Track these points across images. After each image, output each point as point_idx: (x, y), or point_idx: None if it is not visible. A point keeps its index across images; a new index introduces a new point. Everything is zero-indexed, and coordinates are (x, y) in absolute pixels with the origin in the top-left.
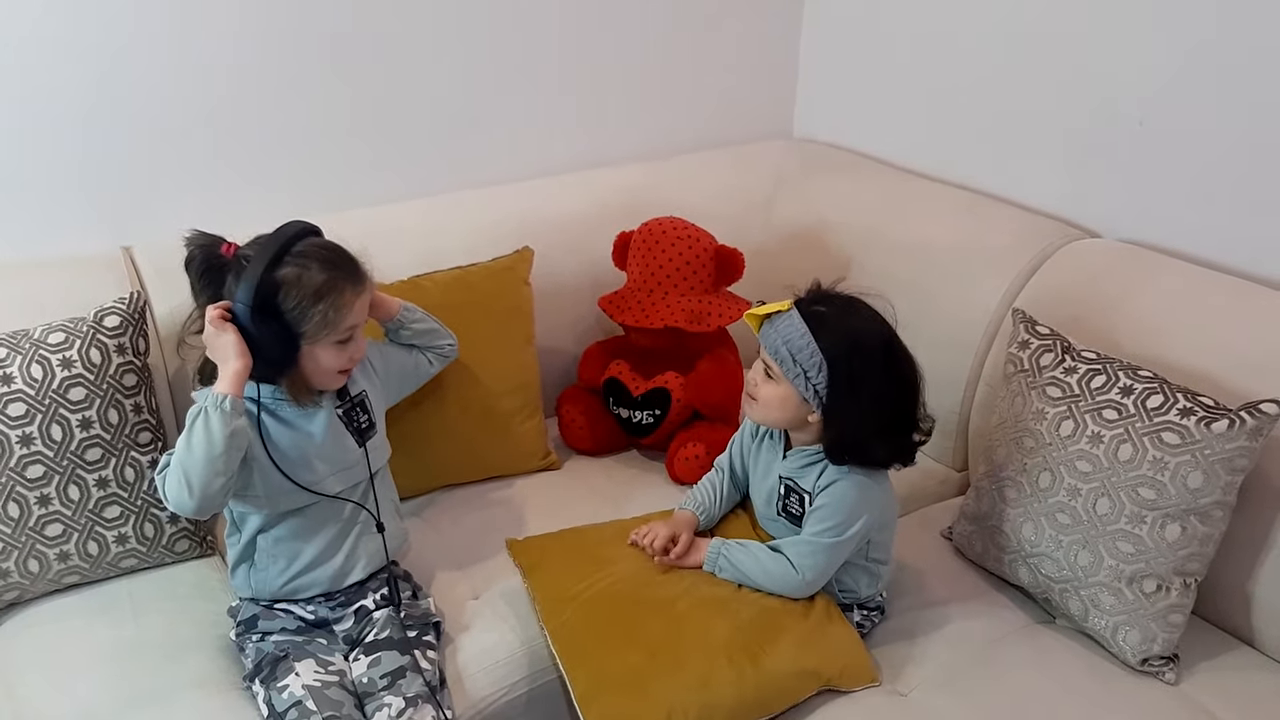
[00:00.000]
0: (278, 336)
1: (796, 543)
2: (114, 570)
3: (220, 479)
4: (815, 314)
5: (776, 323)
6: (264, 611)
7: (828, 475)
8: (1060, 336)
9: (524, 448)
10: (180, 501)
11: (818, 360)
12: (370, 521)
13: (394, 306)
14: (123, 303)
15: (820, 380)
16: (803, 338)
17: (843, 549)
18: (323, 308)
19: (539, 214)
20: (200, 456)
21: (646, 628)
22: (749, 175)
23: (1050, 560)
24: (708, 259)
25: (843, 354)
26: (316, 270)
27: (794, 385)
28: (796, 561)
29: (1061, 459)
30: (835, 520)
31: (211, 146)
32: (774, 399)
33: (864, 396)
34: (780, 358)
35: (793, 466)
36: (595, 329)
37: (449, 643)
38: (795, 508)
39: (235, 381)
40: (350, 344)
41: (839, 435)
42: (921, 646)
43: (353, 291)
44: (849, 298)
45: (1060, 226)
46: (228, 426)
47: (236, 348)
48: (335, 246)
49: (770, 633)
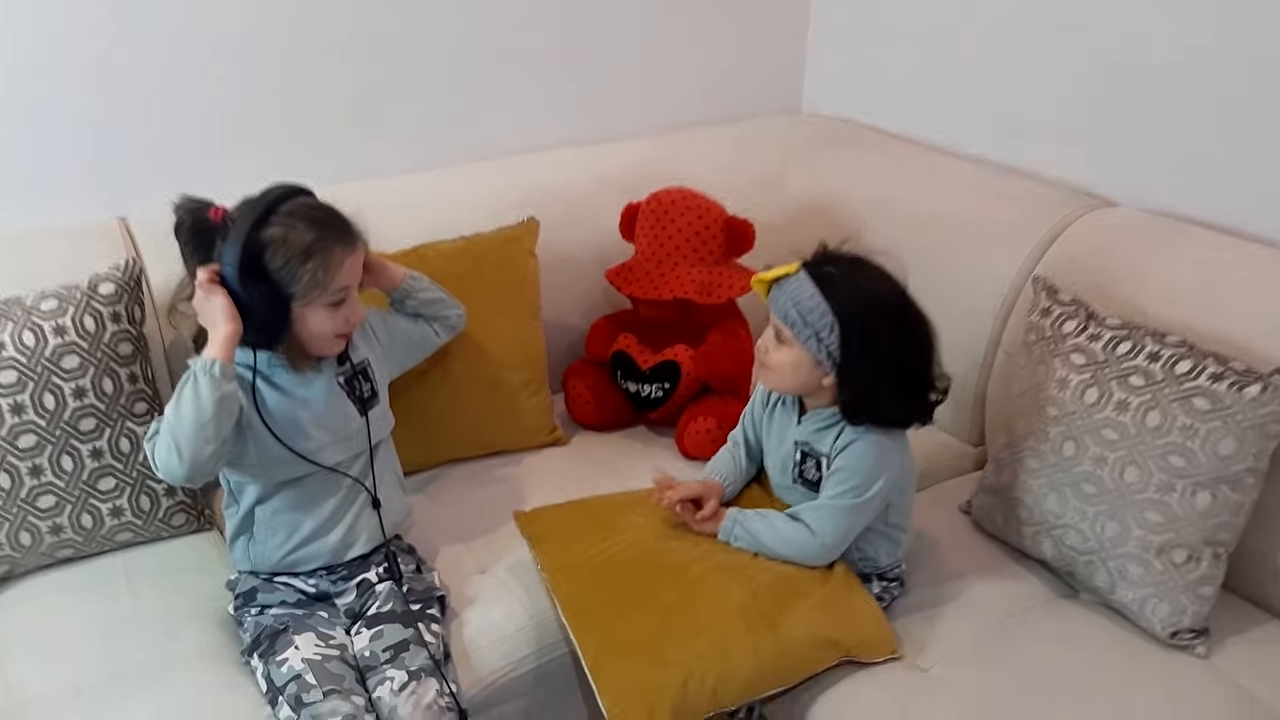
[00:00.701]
0: (267, 298)
1: (814, 507)
2: (109, 544)
3: (210, 446)
4: (824, 274)
5: (785, 285)
6: (263, 584)
7: (845, 436)
8: (1083, 303)
9: (530, 423)
10: (170, 468)
11: (828, 320)
12: (380, 475)
13: (399, 275)
14: (118, 270)
15: (832, 340)
16: (812, 298)
17: (863, 511)
18: (311, 267)
19: (544, 186)
20: (189, 423)
21: (660, 593)
22: (757, 150)
23: (1075, 532)
24: (718, 229)
25: (854, 312)
26: (303, 229)
27: (806, 347)
28: (815, 526)
29: (1086, 427)
30: (854, 481)
31: (212, 116)
32: (786, 363)
33: (878, 354)
34: (790, 320)
35: (808, 431)
36: (602, 303)
37: (454, 617)
38: (812, 473)
39: (225, 346)
40: (344, 306)
41: (854, 395)
42: (942, 621)
43: (343, 250)
44: (856, 257)
45: (1078, 196)
46: (216, 391)
47: (225, 311)
48: (324, 205)
49: (788, 598)
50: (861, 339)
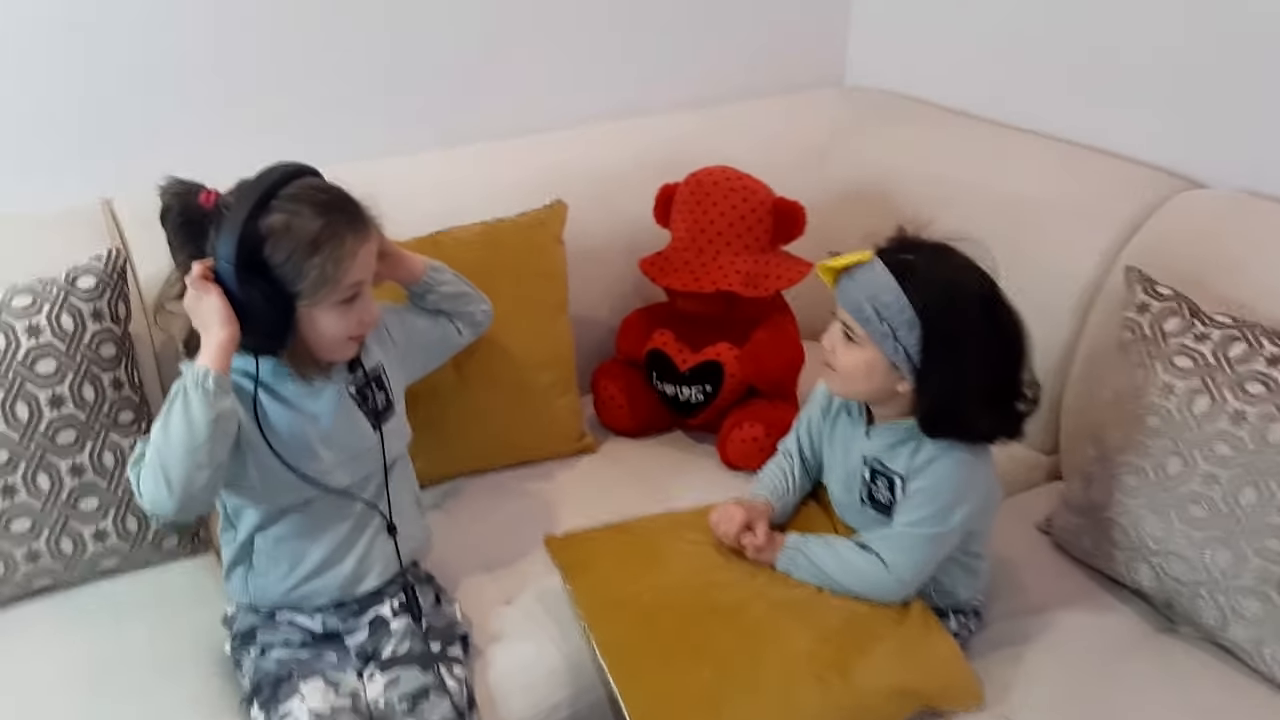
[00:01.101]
0: (268, 298)
1: (889, 536)
2: (92, 572)
3: (204, 473)
4: (902, 263)
5: (857, 275)
6: (263, 622)
7: (925, 453)
8: (1185, 298)
9: (557, 429)
10: (157, 500)
11: (908, 316)
12: (395, 499)
13: (419, 266)
14: (99, 261)
15: (911, 340)
16: (889, 291)
17: (944, 541)
18: (319, 260)
19: (570, 166)
20: (179, 446)
21: (715, 638)
22: (798, 126)
23: (1180, 560)
24: (764, 213)
25: (938, 307)
26: (309, 215)
27: (880, 347)
28: (889, 558)
29: (1195, 441)
30: (935, 506)
31: (208, 86)
32: (857, 366)
33: (964, 357)
34: (864, 316)
35: (879, 446)
36: (633, 295)
37: (478, 656)
38: (883, 494)
39: (220, 354)
40: (356, 304)
41: (935, 404)
42: (1028, 661)
43: (355, 239)
44: (939, 244)
45: (1163, 176)
46: (211, 409)
47: (221, 313)
48: (333, 188)
49: (861, 642)
50: (946, 339)
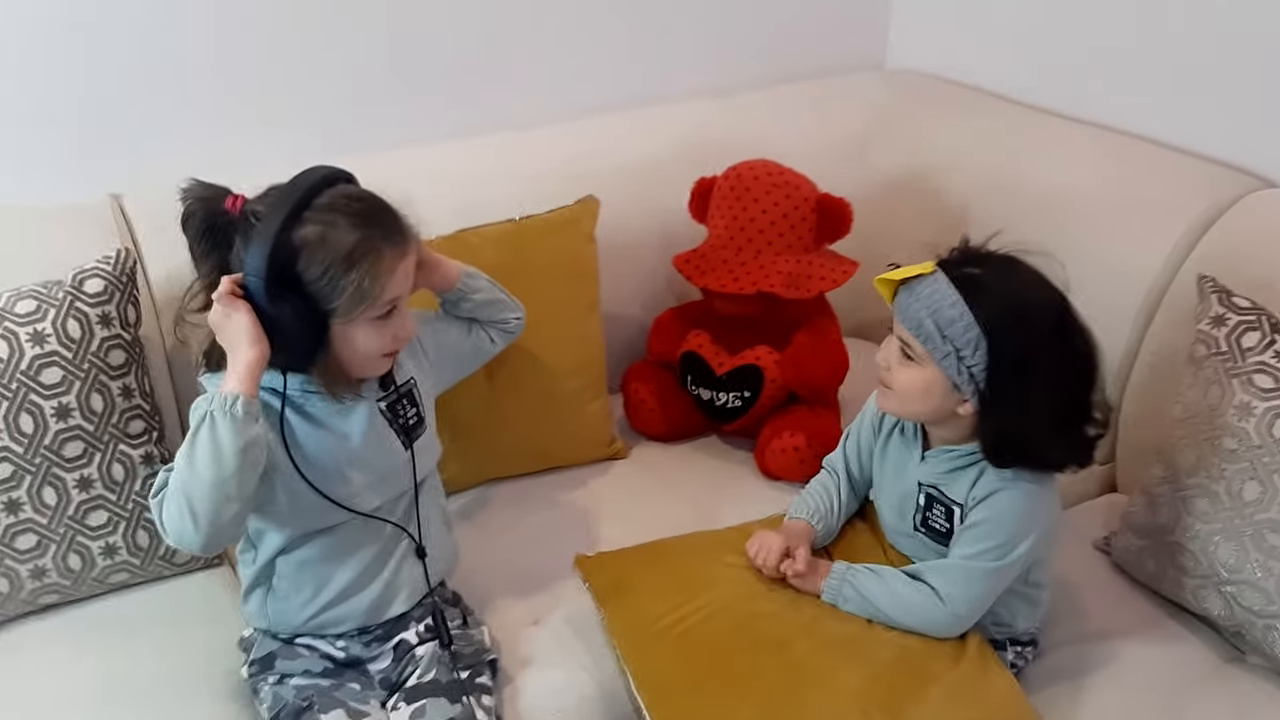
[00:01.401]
0: (301, 315)
1: (944, 568)
2: (101, 587)
3: (233, 505)
4: (967, 278)
5: (918, 289)
6: (283, 648)
7: (987, 482)
8: (1265, 311)
9: (586, 434)
10: (183, 534)
11: (974, 335)
12: (425, 521)
13: (454, 273)
14: (108, 263)
15: (977, 361)
16: (954, 307)
17: (1004, 576)
18: (356, 276)
19: (598, 157)
20: (207, 478)
21: (758, 674)
22: (838, 113)
23: (1255, 590)
24: (808, 211)
25: (1006, 326)
26: (346, 228)
27: (942, 367)
28: (944, 591)
29: (1276, 466)
30: (997, 540)
31: (218, 75)
32: (915, 386)
33: (1033, 380)
34: (925, 333)
35: (936, 471)
36: (666, 292)
37: (507, 682)
38: (940, 522)
39: (248, 376)
40: (393, 320)
41: (1002, 431)
42: (1090, 694)
43: (393, 254)
44: (1008, 257)
45: (1233, 174)
46: (241, 436)
47: (249, 332)
48: (370, 196)
49: (914, 682)
50: (1015, 361)
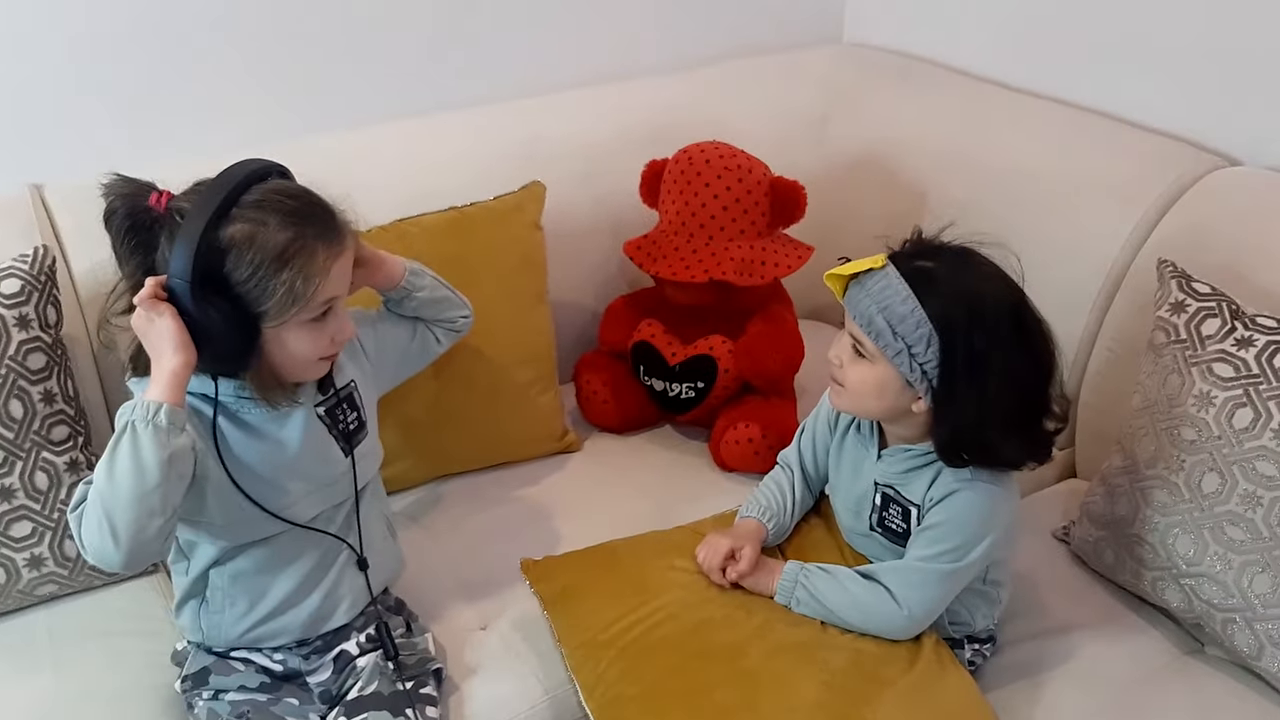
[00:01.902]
0: (229, 319)
1: (900, 570)
2: (28, 599)
3: (157, 520)
4: (919, 271)
5: (868, 284)
6: (217, 663)
7: (944, 483)
8: (1226, 297)
9: (538, 428)
10: (102, 551)
11: (925, 332)
12: (366, 532)
13: (397, 270)
14: (24, 260)
15: (929, 358)
16: (904, 303)
17: (961, 578)
18: (288, 277)
19: (545, 138)
20: (126, 491)
21: (711, 688)
22: (794, 89)
23: (1214, 583)
24: (761, 195)
25: (959, 322)
26: (276, 226)
27: (894, 364)
28: (900, 594)
29: (1235, 457)
30: (954, 542)
31: (146, 56)
32: (867, 384)
33: (988, 377)
34: (875, 329)
35: (893, 471)
36: (617, 278)
37: (452, 691)
38: (896, 523)
39: (173, 384)
40: (329, 321)
41: (957, 430)
42: (1049, 689)
43: (328, 252)
44: (961, 249)
45: (1192, 151)
46: (164, 448)
47: (175, 337)
48: (303, 192)
49: (870, 687)
50: (968, 357)
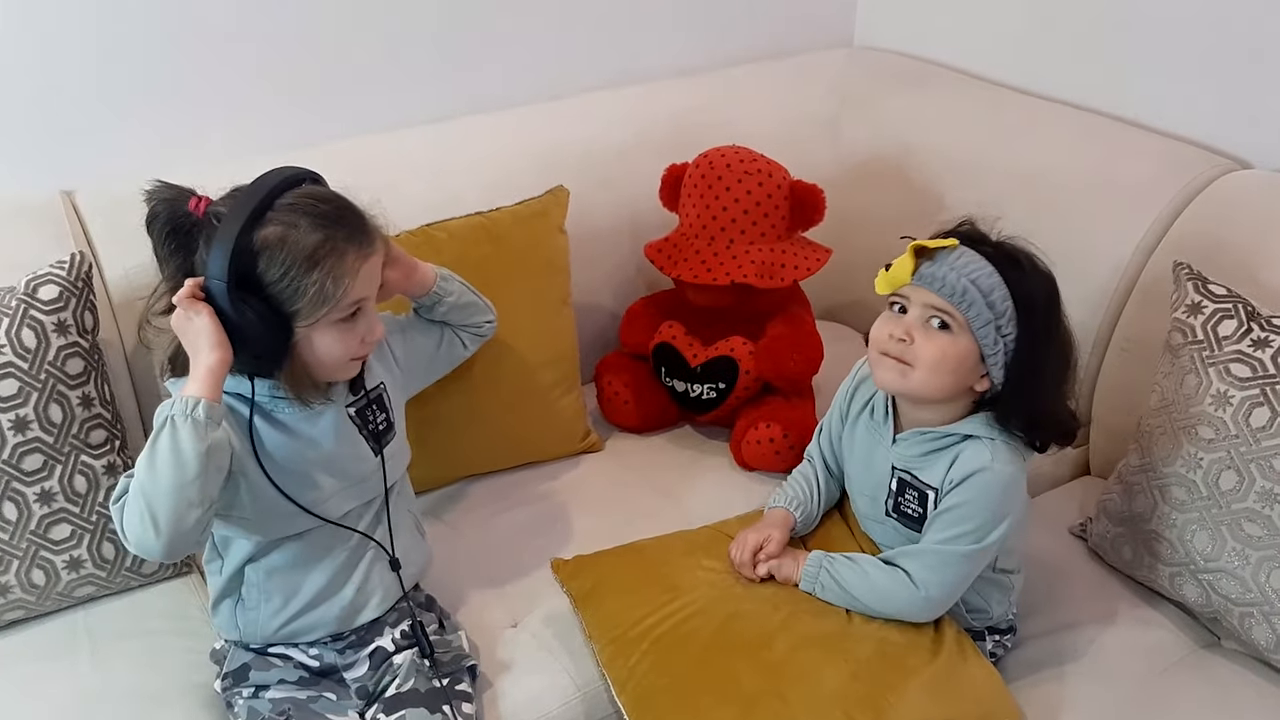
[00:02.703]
0: (263, 319)
1: (919, 553)
2: (66, 600)
3: (195, 511)
4: (990, 253)
5: (949, 260)
6: (256, 659)
7: (964, 465)
8: (1241, 298)
9: (561, 429)
10: (143, 541)
11: (1008, 306)
12: (395, 529)
13: (430, 277)
14: (62, 267)
15: (1010, 331)
16: (990, 276)
17: (979, 560)
18: (318, 277)
19: (566, 142)
20: (167, 483)
21: (739, 678)
22: (807, 92)
23: (1232, 579)
24: (781, 199)
25: (1039, 299)
26: (307, 229)
27: (979, 337)
28: (919, 576)
29: (1253, 455)
30: (974, 524)
31: (174, 64)
32: (948, 357)
33: (1056, 354)
34: (969, 299)
35: (910, 455)
36: (636, 280)
37: (486, 687)
38: (912, 507)
39: (210, 380)
40: (359, 322)
41: (1030, 411)
42: (1068, 683)
43: (357, 254)
44: (1001, 240)
45: (1204, 154)
46: (202, 441)
47: (212, 336)
48: (334, 197)
49: (894, 677)
50: (1047, 334)
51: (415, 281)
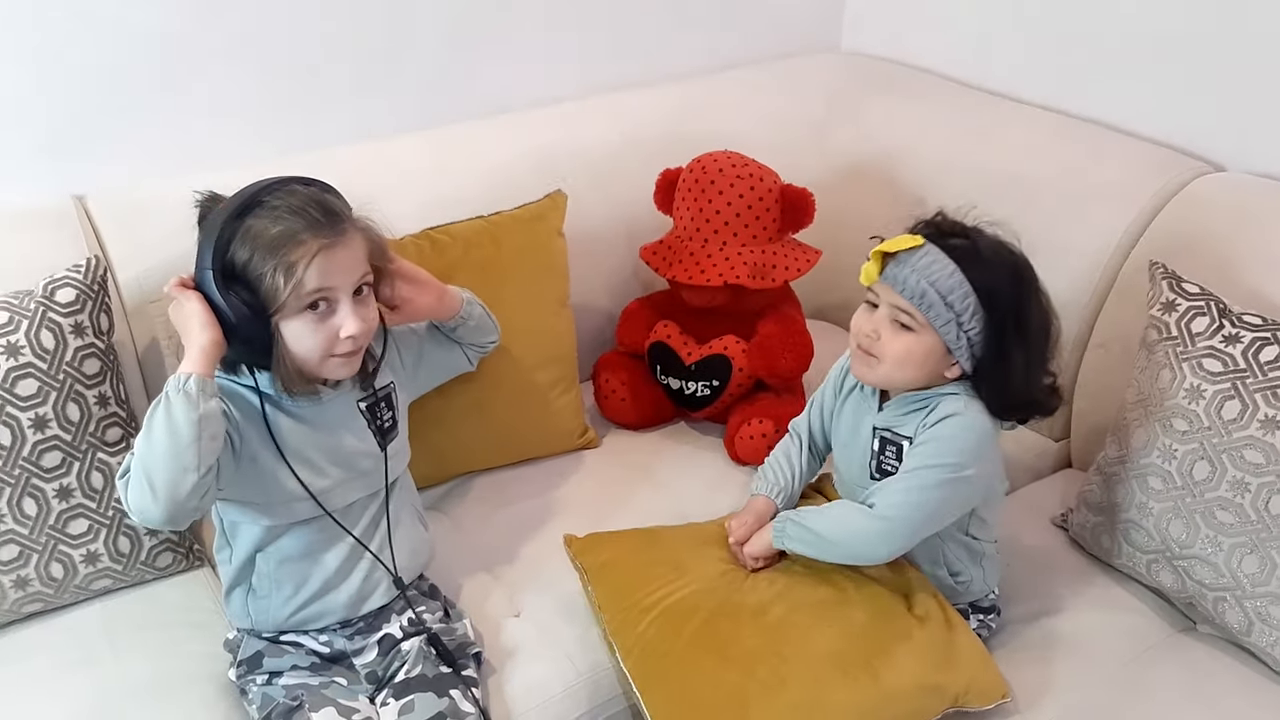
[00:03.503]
0: (245, 305)
1: (884, 484)
2: (84, 594)
3: (191, 476)
4: (955, 248)
5: (911, 260)
6: (269, 647)
7: (940, 410)
8: (1213, 296)
9: (559, 426)
10: (143, 508)
11: (971, 302)
12: (395, 526)
13: (456, 302)
14: (78, 270)
15: (974, 325)
16: (951, 276)
17: (946, 495)
18: (273, 264)
19: (561, 146)
20: (163, 450)
21: (739, 639)
22: (795, 97)
23: (1205, 565)
24: (772, 201)
25: (1002, 292)
26: (272, 218)
27: (942, 334)
28: (879, 502)
29: (1225, 446)
30: (939, 459)
31: (177, 72)
32: (912, 354)
33: (1029, 339)
34: (927, 301)
35: (891, 416)
36: (632, 281)
37: (491, 674)
38: (891, 463)
39: (201, 358)
40: (331, 314)
41: (1010, 390)
42: (1053, 666)
43: (316, 240)
44: (973, 227)
45: (1179, 158)
46: (194, 410)
47: (201, 317)
48: (311, 192)
49: (887, 640)
50: (1016, 324)
51: (444, 306)
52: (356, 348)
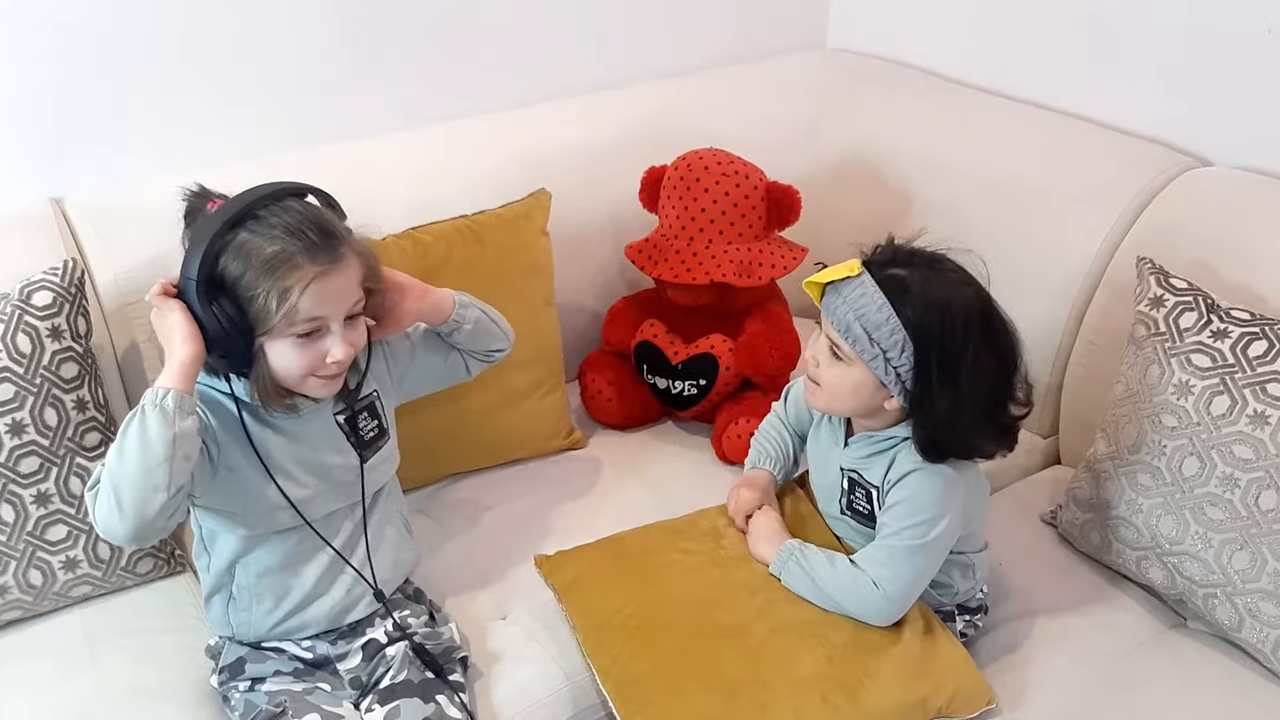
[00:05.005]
0: (228, 320)
1: (872, 553)
2: (64, 600)
3: (160, 496)
4: (892, 279)
5: (844, 292)
6: (251, 653)
7: (900, 466)
8: (1202, 291)
9: (545, 427)
10: (109, 524)
11: (900, 338)
12: (376, 540)
13: (446, 305)
14: (55, 273)
15: (903, 362)
16: (880, 310)
17: (930, 554)
18: (267, 287)
19: (547, 145)
20: (134, 467)
21: (719, 663)
22: (783, 94)
23: (1195, 561)
24: (758, 199)
25: (932, 328)
26: (268, 238)
27: (870, 369)
28: (874, 574)
29: (1214, 442)
30: (916, 519)
31: (157, 71)
32: (843, 384)
33: (959, 379)
34: (853, 336)
35: (856, 456)
36: (618, 280)
37: (477, 678)
38: (862, 504)
39: (181, 373)
40: (318, 342)
41: (934, 430)
42: (1040, 664)
43: (314, 268)
44: (931, 256)
45: (1166, 152)
46: (169, 428)
47: (183, 329)
48: (310, 212)
49: (869, 660)
50: (941, 362)
51: (429, 307)
52: (340, 370)
